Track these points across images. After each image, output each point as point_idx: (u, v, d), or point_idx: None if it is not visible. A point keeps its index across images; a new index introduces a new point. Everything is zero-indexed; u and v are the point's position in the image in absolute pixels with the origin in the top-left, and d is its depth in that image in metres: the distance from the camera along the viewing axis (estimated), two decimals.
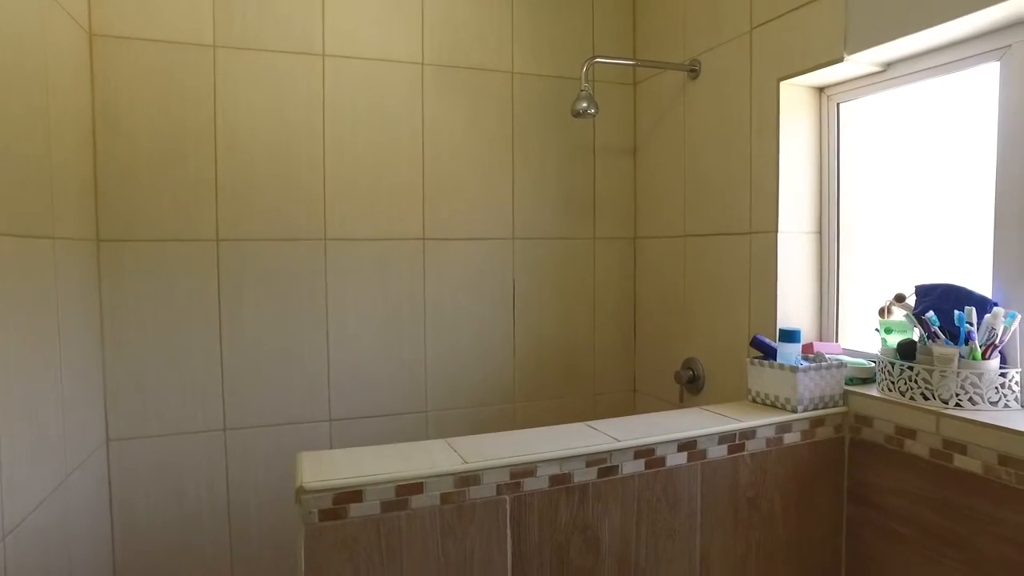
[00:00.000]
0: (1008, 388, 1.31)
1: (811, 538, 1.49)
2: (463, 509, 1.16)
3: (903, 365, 1.41)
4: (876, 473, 1.45)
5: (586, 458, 1.24)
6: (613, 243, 2.32)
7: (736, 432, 1.38)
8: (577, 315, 2.27)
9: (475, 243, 2.12)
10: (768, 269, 1.73)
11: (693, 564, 1.37)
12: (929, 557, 1.35)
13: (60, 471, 1.45)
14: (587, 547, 1.26)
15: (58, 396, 1.45)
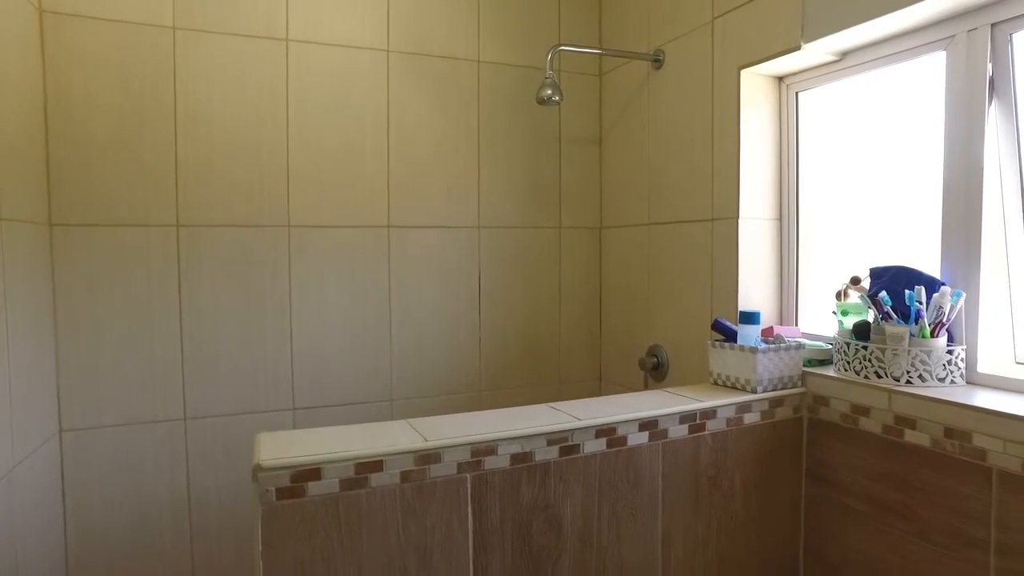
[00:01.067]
0: (954, 365, 1.35)
1: (770, 516, 1.52)
2: (423, 487, 1.16)
3: (858, 345, 1.44)
4: (832, 451, 1.48)
5: (547, 437, 1.25)
6: (579, 232, 2.33)
7: (697, 412, 1.40)
8: (543, 304, 2.28)
9: (440, 231, 2.11)
10: (730, 255, 1.76)
11: (655, 542, 1.38)
12: (880, 530, 1.38)
13: (5, 463, 1.41)
14: (549, 526, 1.27)
15: (3, 383, 1.41)
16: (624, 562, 1.35)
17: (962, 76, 1.38)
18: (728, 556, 1.47)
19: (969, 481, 1.22)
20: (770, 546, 1.53)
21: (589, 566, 1.31)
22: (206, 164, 1.82)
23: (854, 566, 1.45)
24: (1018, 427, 1.14)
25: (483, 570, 1.22)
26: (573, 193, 2.32)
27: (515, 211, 2.22)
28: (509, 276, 2.22)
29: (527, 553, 1.25)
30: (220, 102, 1.83)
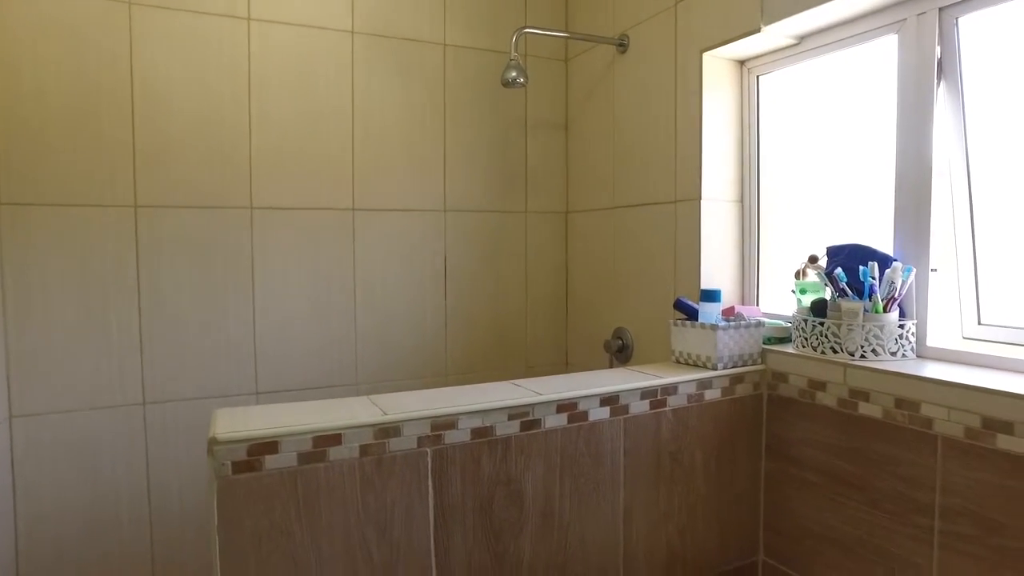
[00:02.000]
0: (905, 339, 1.38)
1: (731, 491, 1.54)
2: (383, 461, 1.15)
3: (815, 321, 1.47)
4: (791, 426, 1.51)
5: (508, 411, 1.25)
6: (545, 217, 2.34)
7: (658, 388, 1.41)
8: (509, 289, 2.28)
9: (406, 215, 2.10)
10: (692, 237, 1.78)
11: (616, 517, 1.39)
12: (835, 501, 1.41)
13: None
14: (511, 500, 1.27)
15: None
16: (586, 536, 1.36)
17: (912, 59, 1.41)
18: (689, 530, 1.49)
19: (917, 449, 1.25)
20: (730, 520, 1.55)
21: (551, 540, 1.32)
22: (165, 144, 1.78)
23: (811, 537, 1.48)
24: (961, 395, 1.18)
25: (444, 545, 1.22)
26: (539, 178, 2.32)
27: (481, 195, 2.22)
28: (475, 260, 2.22)
29: (489, 528, 1.26)
30: (180, 82, 1.79)
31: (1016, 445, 1.11)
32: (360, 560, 1.15)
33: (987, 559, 1.16)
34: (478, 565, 1.25)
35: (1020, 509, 1.11)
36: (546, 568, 1.32)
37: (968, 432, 1.17)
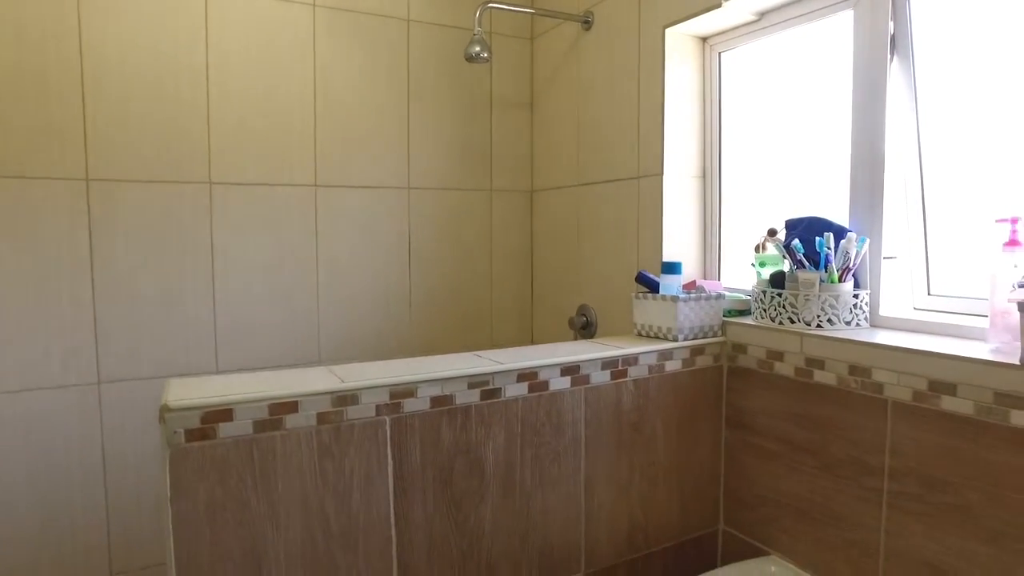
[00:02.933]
0: (859, 308, 1.41)
1: (691, 461, 1.56)
2: (341, 430, 1.14)
3: (773, 293, 1.49)
4: (750, 396, 1.53)
5: (468, 379, 1.25)
6: (510, 195, 2.33)
7: (619, 358, 1.42)
8: (474, 267, 2.28)
9: (369, 191, 2.08)
10: (655, 212, 1.79)
11: (578, 487, 1.40)
12: (792, 467, 1.44)
13: None
14: (471, 470, 1.27)
15: None
16: (548, 505, 1.36)
17: (867, 34, 1.43)
18: (650, 499, 1.51)
19: (868, 414, 1.28)
20: (691, 490, 1.57)
21: (512, 509, 1.32)
22: (118, 116, 1.74)
23: (769, 504, 1.50)
24: (909, 359, 1.21)
25: (404, 514, 1.21)
26: (504, 156, 2.31)
27: (446, 173, 2.21)
28: (440, 238, 2.21)
29: (449, 497, 1.26)
30: (132, 53, 1.74)
31: (959, 406, 1.14)
32: (318, 529, 1.14)
33: (930, 515, 1.19)
34: (439, 534, 1.25)
35: (960, 467, 1.14)
36: (508, 537, 1.32)
37: (915, 395, 1.20)
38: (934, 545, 1.19)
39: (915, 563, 1.22)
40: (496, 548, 1.32)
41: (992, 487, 1.10)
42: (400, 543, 1.21)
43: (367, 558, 1.19)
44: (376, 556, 1.19)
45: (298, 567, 1.13)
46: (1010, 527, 1.09)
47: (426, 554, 1.24)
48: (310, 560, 1.14)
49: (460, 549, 1.28)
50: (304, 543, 1.13)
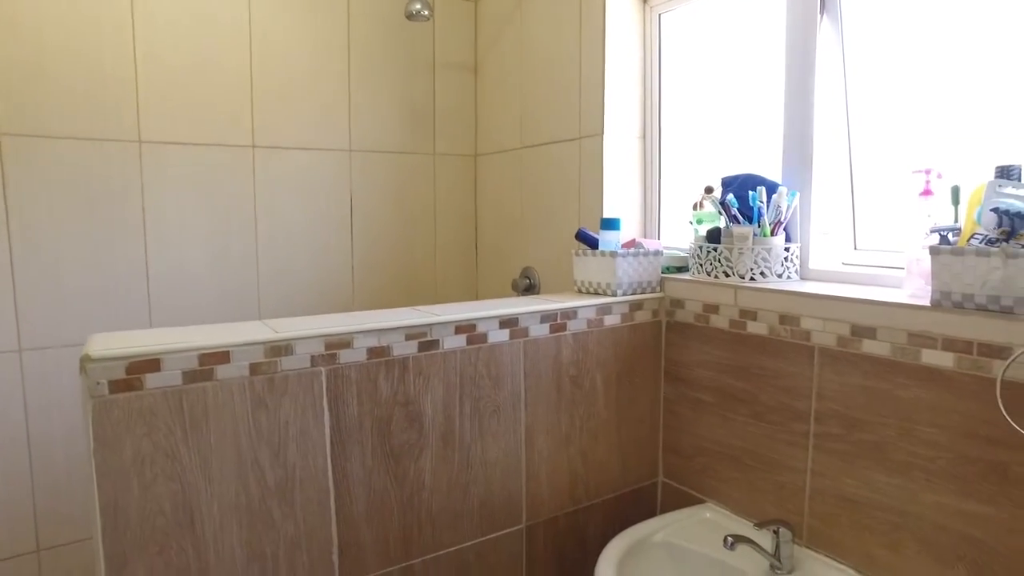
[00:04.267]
0: (791, 261, 1.45)
1: (631, 415, 1.59)
2: (275, 380, 1.13)
3: (709, 247, 1.52)
4: (687, 350, 1.57)
5: (405, 331, 1.24)
6: (454, 160, 2.31)
7: (557, 311, 1.44)
8: (418, 231, 2.26)
9: (309, 154, 2.03)
10: (595, 173, 1.80)
11: (518, 439, 1.42)
12: (726, 417, 1.48)
13: None
14: (410, 422, 1.27)
15: None
16: (487, 458, 1.37)
17: None
18: (591, 452, 1.53)
19: (797, 361, 1.33)
20: (631, 443, 1.60)
21: (452, 461, 1.33)
22: (33, 68, 1.65)
23: (705, 454, 1.55)
24: (834, 306, 1.25)
25: (342, 466, 1.21)
26: (448, 120, 2.29)
27: (388, 136, 2.18)
28: (382, 202, 2.18)
29: (388, 449, 1.25)
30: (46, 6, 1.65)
31: (877, 348, 1.19)
32: (253, 482, 1.12)
33: (849, 453, 1.25)
34: (378, 487, 1.25)
35: (876, 406, 1.20)
36: (448, 489, 1.33)
37: (840, 340, 1.25)
38: (852, 480, 1.25)
39: (835, 498, 1.28)
40: (436, 500, 1.32)
41: (904, 422, 1.16)
42: (338, 495, 1.21)
43: (304, 511, 1.18)
44: (314, 509, 1.19)
45: (233, 520, 1.11)
46: (917, 458, 1.15)
47: (365, 507, 1.24)
48: (245, 513, 1.12)
49: (400, 501, 1.28)
50: (239, 496, 1.12)
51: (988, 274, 1.03)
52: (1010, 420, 1.00)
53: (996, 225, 1.03)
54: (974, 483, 1.08)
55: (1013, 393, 1.02)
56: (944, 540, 1.13)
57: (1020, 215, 1.01)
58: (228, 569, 1.11)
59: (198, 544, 1.09)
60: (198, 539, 1.09)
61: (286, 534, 1.17)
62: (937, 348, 1.11)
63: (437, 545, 1.34)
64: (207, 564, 1.10)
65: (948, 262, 1.08)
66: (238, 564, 1.12)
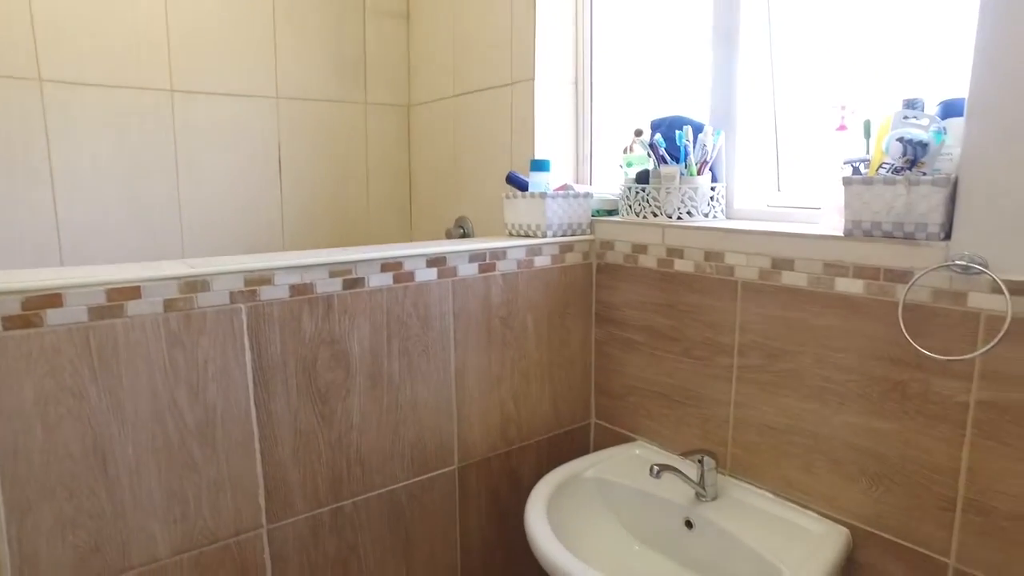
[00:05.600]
0: (716, 200, 1.48)
1: (563, 357, 1.61)
2: (192, 317, 1.09)
3: (638, 188, 1.54)
4: (617, 292, 1.59)
5: (328, 268, 1.21)
6: (387, 110, 2.26)
7: (486, 251, 1.43)
8: (350, 183, 2.21)
9: (234, 100, 1.95)
10: (527, 119, 1.79)
11: (448, 380, 1.41)
12: (655, 356, 1.52)
13: None
14: (336, 361, 1.25)
15: None
16: (417, 398, 1.37)
17: None
18: (523, 394, 1.55)
19: (721, 296, 1.36)
20: (562, 384, 1.62)
21: (381, 401, 1.32)
22: None
23: (636, 393, 1.58)
24: (756, 241, 1.28)
25: (266, 406, 1.18)
26: (379, 68, 2.23)
27: (317, 84, 2.10)
28: (313, 152, 2.12)
29: (314, 388, 1.23)
30: None
31: (795, 279, 1.23)
32: (171, 422, 1.09)
33: (769, 383, 1.29)
34: (305, 427, 1.23)
35: (794, 335, 1.24)
36: (377, 429, 1.32)
37: (761, 274, 1.29)
38: (771, 409, 1.30)
39: (756, 427, 1.33)
40: (366, 441, 1.31)
41: (819, 349, 1.21)
42: (263, 436, 1.18)
43: (227, 452, 1.15)
44: (237, 450, 1.16)
45: (150, 463, 1.08)
46: (830, 383, 1.20)
47: (292, 447, 1.22)
48: (164, 455, 1.09)
49: (328, 442, 1.27)
50: (156, 438, 1.08)
51: (893, 201, 1.07)
52: (910, 339, 1.05)
53: (901, 154, 1.06)
54: (878, 402, 1.14)
55: (914, 314, 1.07)
56: (851, 457, 1.19)
57: (922, 144, 1.05)
58: (146, 512, 1.08)
59: (112, 487, 1.05)
60: (112, 482, 1.05)
61: (209, 476, 1.14)
62: (849, 276, 1.16)
63: (368, 486, 1.33)
64: (122, 508, 1.06)
65: (859, 191, 1.11)
66: (157, 507, 1.09)
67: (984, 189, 0.99)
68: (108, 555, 1.06)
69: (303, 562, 1.27)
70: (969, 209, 1.01)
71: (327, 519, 1.29)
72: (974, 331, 1.01)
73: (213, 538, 1.16)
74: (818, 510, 1.26)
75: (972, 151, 1.00)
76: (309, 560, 1.28)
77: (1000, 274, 0.97)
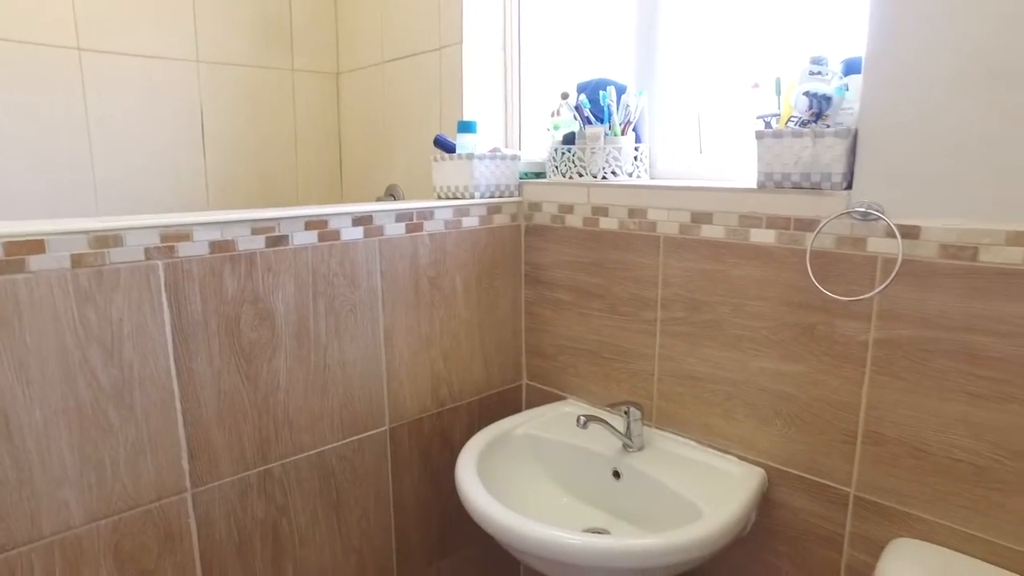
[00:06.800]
0: (640, 160, 1.52)
1: (493, 318, 1.62)
2: (104, 274, 1.05)
3: (564, 149, 1.56)
4: (545, 252, 1.61)
5: (251, 224, 1.19)
6: (314, 77, 2.21)
7: (413, 211, 1.42)
8: (278, 150, 2.15)
9: (150, 62, 1.87)
10: (456, 84, 1.78)
11: (377, 339, 1.41)
12: (583, 314, 1.55)
13: None
14: (261, 320, 1.23)
15: None
16: (346, 358, 1.36)
17: None
18: (453, 354, 1.56)
19: (645, 252, 1.40)
20: (493, 346, 1.64)
21: (308, 361, 1.30)
22: None
23: (566, 353, 1.61)
24: (676, 196, 1.33)
25: (187, 365, 1.15)
26: (306, 35, 2.17)
27: (240, 48, 2.03)
28: (238, 119, 2.05)
29: (238, 348, 1.21)
30: None
31: (713, 232, 1.28)
32: (83, 384, 1.05)
33: (691, 335, 1.34)
34: (229, 388, 1.21)
35: (713, 286, 1.29)
36: (305, 390, 1.31)
37: (681, 228, 1.33)
38: (694, 359, 1.35)
39: (679, 378, 1.38)
40: (294, 402, 1.30)
41: (736, 299, 1.26)
42: (185, 396, 1.15)
43: (147, 414, 1.12)
44: (157, 412, 1.13)
45: (60, 425, 1.04)
46: (747, 331, 1.26)
47: (216, 408, 1.19)
48: (75, 417, 1.05)
49: (254, 403, 1.24)
50: (66, 399, 1.04)
51: (801, 152, 1.12)
52: (817, 284, 1.11)
53: (807, 108, 1.12)
54: (789, 346, 1.20)
55: (820, 261, 1.14)
56: (765, 401, 1.25)
57: (826, 97, 1.10)
58: (57, 478, 1.04)
59: (17, 453, 1.00)
60: (16, 448, 1.00)
61: (127, 439, 1.10)
62: (762, 227, 1.21)
63: (297, 448, 1.32)
64: (30, 474, 1.02)
65: (770, 144, 1.16)
66: (69, 472, 1.05)
67: (879, 140, 1.05)
68: (13, 525, 1.01)
69: (231, 525, 1.25)
70: (867, 159, 1.07)
71: (255, 481, 1.27)
72: (872, 274, 1.08)
73: (133, 503, 1.13)
74: (737, 453, 1.32)
75: (868, 105, 1.06)
76: (237, 523, 1.26)
77: (894, 219, 1.04)
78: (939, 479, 1.06)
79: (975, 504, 1.02)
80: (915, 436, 1.07)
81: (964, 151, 0.97)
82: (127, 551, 1.13)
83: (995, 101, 0.94)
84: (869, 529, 1.15)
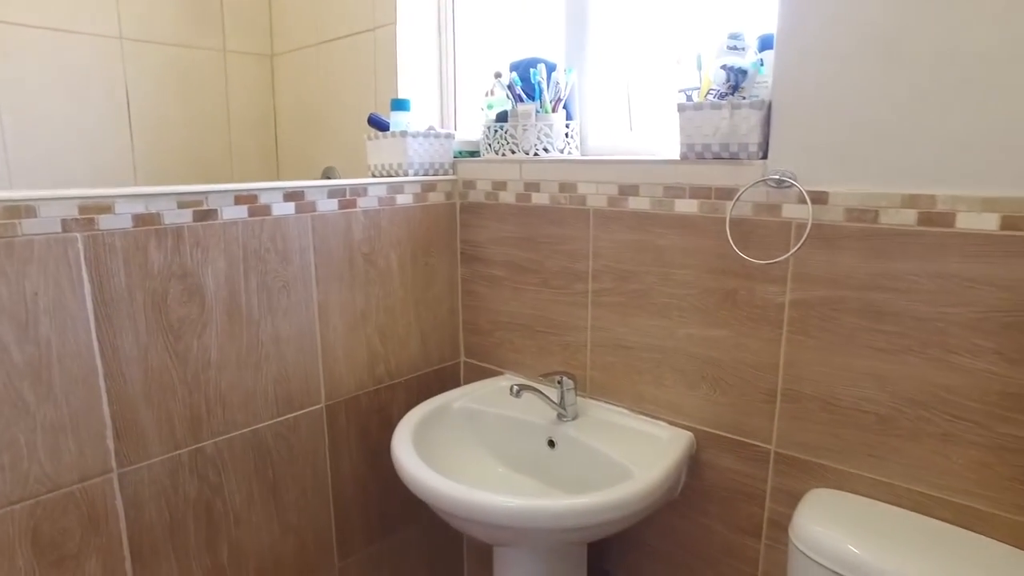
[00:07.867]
0: (571, 137, 1.55)
1: (429, 295, 1.63)
2: (15, 245, 1.01)
3: (497, 126, 1.58)
4: (480, 230, 1.63)
5: (177, 198, 1.17)
6: (248, 59, 2.16)
7: (346, 188, 1.42)
8: (211, 133, 2.10)
9: (67, 36, 1.80)
10: (390, 64, 1.78)
11: (311, 315, 1.40)
12: (517, 289, 1.58)
13: None
14: (190, 296, 1.21)
15: None
16: (280, 334, 1.35)
17: None
18: (390, 331, 1.56)
19: (576, 226, 1.43)
20: (430, 323, 1.65)
21: (240, 337, 1.29)
22: None
23: (502, 328, 1.64)
24: (605, 170, 1.36)
25: (111, 342, 1.12)
26: (238, 14, 2.13)
27: (167, 26, 1.98)
28: (166, 101, 1.99)
29: (166, 324, 1.18)
30: None
31: (639, 203, 1.32)
32: None
33: (621, 304, 1.39)
34: (157, 365, 1.18)
35: (641, 257, 1.34)
36: (237, 366, 1.29)
37: (610, 201, 1.37)
38: (623, 328, 1.39)
39: (610, 347, 1.42)
40: (226, 379, 1.28)
41: (663, 268, 1.31)
42: (109, 374, 1.13)
43: (67, 392, 1.09)
44: (79, 390, 1.10)
45: None
46: (674, 299, 1.30)
47: (143, 386, 1.17)
48: None
49: (184, 381, 1.22)
50: None
51: (719, 123, 1.17)
52: (737, 250, 1.16)
53: (725, 80, 1.17)
54: (713, 312, 1.25)
55: (740, 228, 1.19)
56: (692, 366, 1.30)
57: (743, 71, 1.15)
58: None
59: None
60: None
61: (44, 418, 1.07)
62: (686, 197, 1.26)
63: (230, 426, 1.30)
64: None
65: (691, 116, 1.21)
66: None
67: (791, 111, 1.11)
68: None
69: (161, 506, 1.23)
70: (780, 130, 1.13)
71: (186, 460, 1.25)
72: (787, 239, 1.14)
73: (53, 485, 1.09)
74: (667, 419, 1.37)
75: (780, 78, 1.12)
76: (168, 504, 1.24)
77: (806, 186, 1.10)
78: (849, 431, 1.12)
79: (878, 451, 1.09)
80: (828, 391, 1.13)
81: (865, 121, 1.04)
82: (47, 536, 1.10)
83: (891, 75, 1.00)
84: (788, 483, 1.21)
